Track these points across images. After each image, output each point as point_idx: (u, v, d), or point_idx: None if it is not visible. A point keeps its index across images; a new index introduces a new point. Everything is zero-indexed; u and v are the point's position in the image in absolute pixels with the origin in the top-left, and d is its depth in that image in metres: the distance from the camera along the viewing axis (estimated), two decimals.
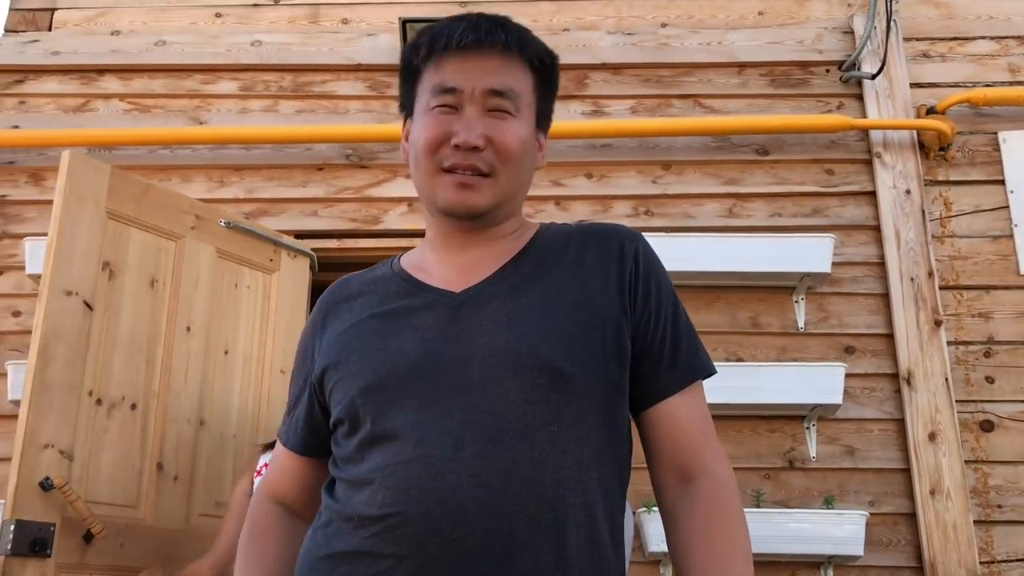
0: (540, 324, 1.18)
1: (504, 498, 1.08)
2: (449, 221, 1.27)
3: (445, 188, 1.23)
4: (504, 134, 1.22)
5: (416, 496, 1.09)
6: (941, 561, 3.05)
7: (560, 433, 1.13)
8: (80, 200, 2.78)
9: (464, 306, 1.21)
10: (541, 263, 1.26)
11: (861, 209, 3.52)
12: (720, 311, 3.40)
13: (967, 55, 3.75)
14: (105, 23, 3.89)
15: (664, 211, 3.54)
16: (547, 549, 1.08)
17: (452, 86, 1.23)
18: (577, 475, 1.13)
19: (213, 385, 3.08)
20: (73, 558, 2.53)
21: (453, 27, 1.24)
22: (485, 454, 1.10)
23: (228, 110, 3.74)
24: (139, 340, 2.89)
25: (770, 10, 3.84)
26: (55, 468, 2.53)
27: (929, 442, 3.18)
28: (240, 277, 3.24)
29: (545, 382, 1.14)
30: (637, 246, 1.28)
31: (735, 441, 3.22)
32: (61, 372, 2.63)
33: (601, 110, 3.69)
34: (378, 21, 3.86)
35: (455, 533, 1.07)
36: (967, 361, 3.33)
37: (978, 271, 3.44)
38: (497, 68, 1.24)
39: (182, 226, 3.08)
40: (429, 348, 1.18)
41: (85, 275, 2.75)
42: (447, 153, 1.22)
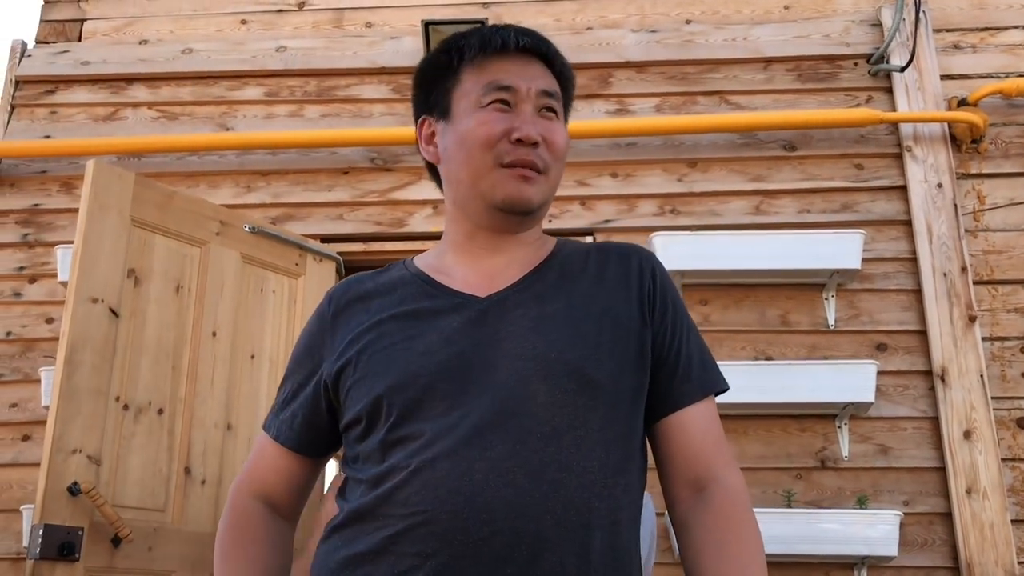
0: (567, 330, 1.19)
1: (532, 499, 1.09)
2: (495, 218, 1.28)
3: (505, 182, 1.24)
4: (554, 133, 1.27)
5: (444, 495, 1.09)
6: (978, 562, 2.99)
7: (587, 438, 1.14)
8: (104, 208, 2.82)
9: (490, 311, 1.23)
10: (564, 274, 1.28)
11: (892, 204, 3.47)
12: (749, 309, 3.37)
13: (999, 45, 3.69)
14: (133, 33, 3.94)
15: (690, 209, 3.51)
16: (572, 552, 1.09)
17: (508, 84, 1.26)
18: (603, 480, 1.14)
19: (239, 389, 3.10)
20: (101, 562, 2.57)
21: (503, 31, 1.29)
22: (513, 455, 1.10)
23: (254, 116, 3.77)
24: (165, 345, 2.92)
25: (796, 4, 3.80)
26: (83, 473, 2.57)
27: (964, 440, 3.13)
28: (266, 282, 3.27)
29: (573, 387, 1.16)
30: (653, 264, 1.33)
31: (765, 441, 3.19)
32: (88, 378, 2.67)
33: (626, 109, 3.67)
34: (401, 24, 3.87)
35: (482, 532, 1.07)
36: (1003, 357, 3.27)
37: (1013, 265, 3.38)
38: (541, 72, 1.29)
39: (207, 232, 3.11)
40: (456, 350, 1.18)
41: (110, 282, 2.80)
42: (506, 148, 1.24)
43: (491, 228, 1.29)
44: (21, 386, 3.41)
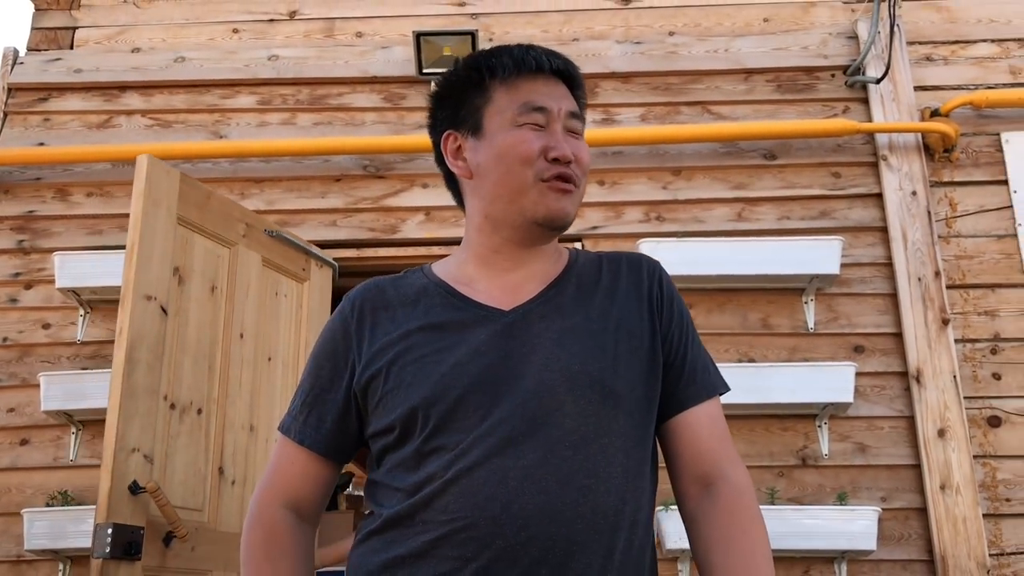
0: (589, 343, 1.26)
1: (563, 505, 1.16)
2: (530, 232, 1.33)
3: (546, 196, 1.31)
4: (581, 151, 1.34)
5: (482, 502, 1.16)
6: (951, 554, 3.12)
7: (610, 445, 1.22)
8: (156, 205, 2.81)
9: (515, 324, 1.28)
10: (581, 287, 1.35)
11: (868, 211, 3.60)
12: (731, 313, 3.48)
13: (969, 58, 3.83)
14: (125, 41, 3.99)
15: (675, 216, 3.62)
16: (599, 553, 1.17)
17: (542, 105, 1.32)
18: (625, 484, 1.22)
19: (261, 391, 3.14)
20: (155, 561, 2.58)
21: (534, 52, 1.36)
22: (545, 463, 1.18)
23: (247, 124, 3.83)
24: (203, 345, 2.93)
25: (775, 17, 3.92)
26: (140, 472, 2.57)
27: (938, 438, 3.26)
28: (279, 286, 3.32)
29: (597, 398, 1.23)
30: (660, 274, 1.40)
31: (748, 440, 3.30)
32: (144, 377, 2.66)
33: (612, 118, 3.77)
34: (392, 34, 3.95)
35: (519, 537, 1.14)
36: (974, 358, 3.40)
37: (984, 270, 3.52)
38: (566, 93, 1.37)
39: (235, 234, 3.15)
40: (486, 363, 1.24)
41: (161, 280, 2.79)
42: (544, 165, 1.30)
43: (520, 242, 1.35)
44: (18, 391, 3.45)
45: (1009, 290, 3.48)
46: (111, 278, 3.40)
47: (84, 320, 3.52)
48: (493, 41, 3.87)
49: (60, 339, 3.52)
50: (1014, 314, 3.45)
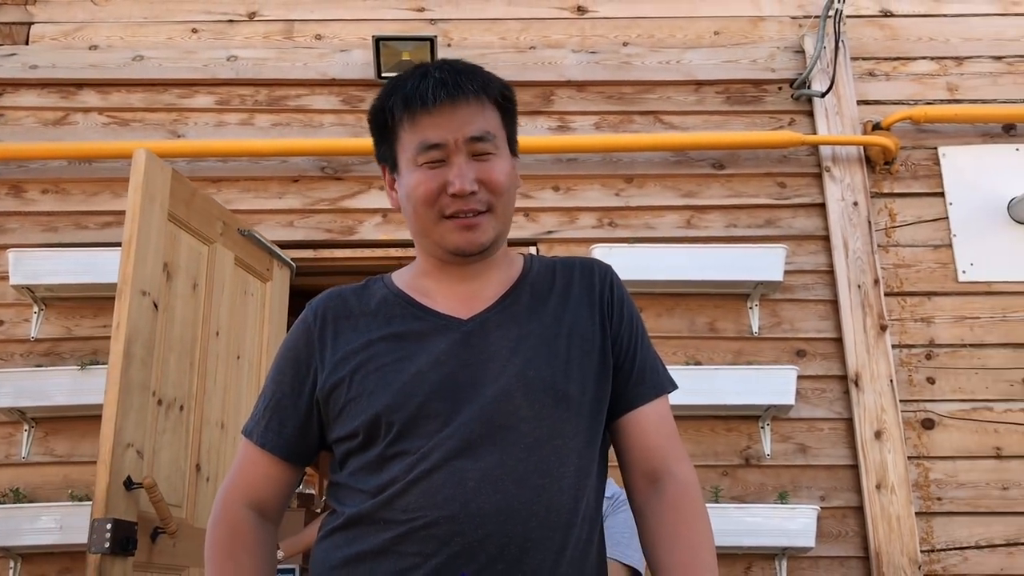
0: (543, 349, 1.33)
1: (519, 504, 1.23)
2: (455, 259, 1.37)
3: (451, 233, 1.34)
4: (492, 173, 1.34)
5: (441, 502, 1.22)
6: (886, 551, 3.26)
7: (563, 446, 1.29)
8: (152, 200, 2.80)
9: (473, 333, 1.34)
10: (535, 294, 1.40)
11: (811, 220, 3.73)
12: (679, 317, 3.59)
13: (909, 74, 3.98)
14: (82, 38, 3.98)
15: (627, 223, 3.71)
16: (553, 549, 1.24)
17: (436, 142, 1.32)
18: (577, 483, 1.29)
19: (231, 389, 3.16)
20: (143, 556, 2.58)
21: (423, 86, 1.32)
22: (501, 465, 1.24)
23: (205, 124, 3.85)
24: (186, 342, 2.93)
25: (725, 30, 4.04)
26: (133, 468, 2.57)
27: (875, 440, 3.39)
28: (248, 285, 3.34)
29: (551, 401, 1.29)
30: (611, 278, 1.45)
31: (694, 440, 3.40)
32: (138, 372, 2.66)
33: (567, 126, 3.86)
34: (351, 37, 3.99)
35: (476, 534, 1.21)
36: (910, 363, 3.55)
37: (920, 278, 3.67)
38: (471, 116, 1.33)
39: (214, 232, 3.16)
40: (446, 371, 1.30)
41: (154, 275, 2.78)
42: (446, 202, 1.32)
43: (455, 263, 1.38)
44: None
45: (944, 298, 3.63)
46: (66, 276, 3.42)
47: (38, 318, 3.51)
48: (452, 47, 3.94)
49: (13, 336, 3.51)
50: (948, 321, 3.60)
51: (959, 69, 3.97)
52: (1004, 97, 3.92)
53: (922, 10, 4.08)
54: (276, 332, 3.42)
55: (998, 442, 3.43)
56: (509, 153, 1.41)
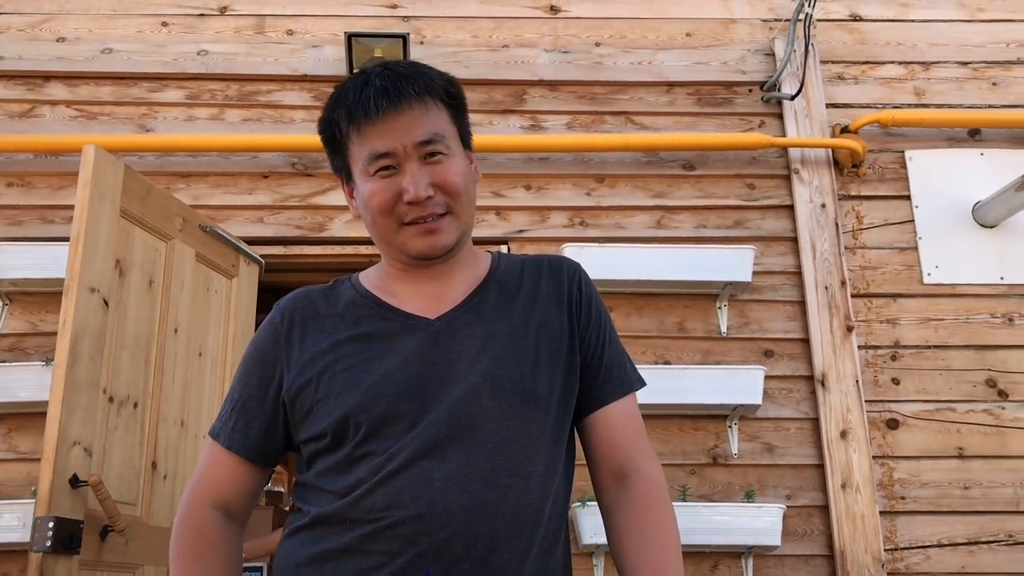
0: (510, 348, 1.33)
1: (486, 503, 1.23)
2: (419, 263, 1.37)
3: (412, 239, 1.33)
4: (446, 174, 1.33)
5: (407, 502, 1.22)
6: (850, 549, 3.29)
7: (531, 445, 1.29)
8: (102, 197, 2.78)
9: (441, 332, 1.34)
10: (503, 292, 1.40)
11: (780, 222, 3.76)
12: (649, 317, 3.61)
13: (877, 78, 4.03)
14: (50, 29, 3.93)
15: (598, 222, 3.73)
16: (519, 548, 1.24)
17: (385, 151, 1.31)
18: (544, 482, 1.29)
19: (192, 386, 3.14)
20: (92, 555, 2.56)
21: (364, 96, 1.31)
22: (468, 464, 1.24)
23: (175, 118, 3.82)
24: (140, 339, 2.91)
25: (697, 32, 4.07)
26: (80, 466, 2.55)
27: (841, 439, 3.43)
28: (211, 281, 3.32)
29: (518, 401, 1.29)
30: (580, 276, 1.46)
31: (663, 439, 3.43)
32: (86, 370, 2.64)
33: (539, 125, 3.87)
34: (323, 33, 3.97)
35: (443, 534, 1.21)
36: (875, 364, 3.59)
37: (886, 280, 3.71)
38: (417, 119, 1.32)
39: (172, 228, 3.14)
40: (414, 372, 1.30)
41: (104, 272, 2.76)
42: (404, 209, 1.32)
43: (419, 267, 1.39)
44: None
45: (909, 300, 3.68)
46: (31, 270, 3.38)
47: (2, 312, 3.46)
48: (424, 44, 3.93)
49: None
50: (913, 323, 3.64)
51: (926, 74, 4.03)
52: (969, 102, 3.97)
53: (891, 15, 4.13)
54: (243, 329, 3.40)
55: (960, 442, 3.48)
56: (462, 150, 1.40)
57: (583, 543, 3.20)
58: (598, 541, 3.15)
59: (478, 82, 3.88)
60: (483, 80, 3.90)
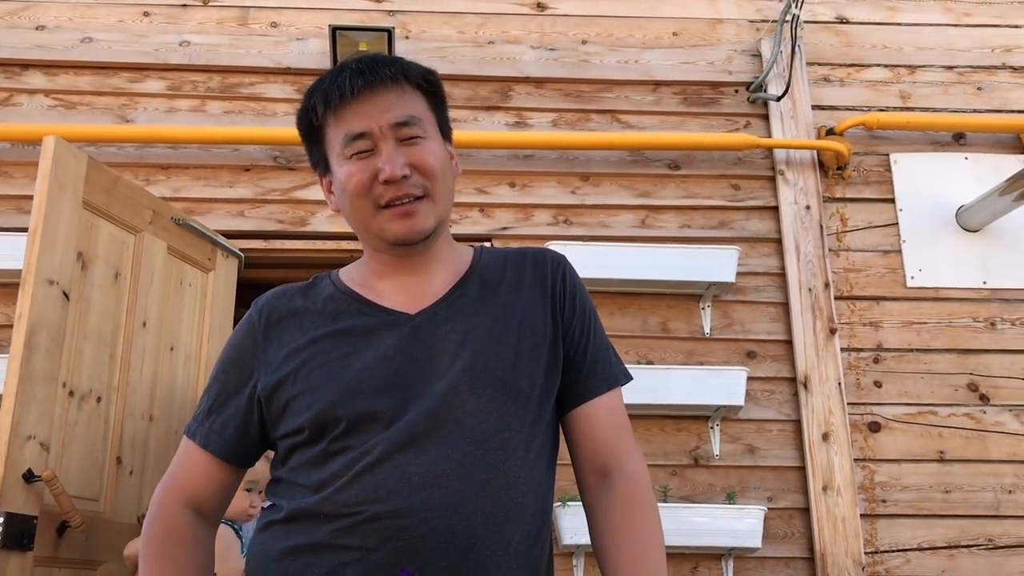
0: (491, 342, 1.30)
1: (464, 498, 1.20)
2: (399, 250, 1.35)
3: (389, 222, 1.31)
4: (422, 156, 1.32)
5: (383, 496, 1.19)
6: (831, 552, 3.29)
7: (510, 439, 1.27)
8: (62, 188, 2.75)
9: (421, 327, 1.32)
10: (484, 286, 1.38)
11: (764, 223, 3.75)
12: (632, 316, 3.59)
13: (863, 81, 4.03)
14: (29, 17, 3.87)
15: (582, 221, 3.71)
16: (498, 545, 1.22)
17: (360, 131, 1.30)
18: (525, 477, 1.27)
19: (161, 381, 3.10)
20: (48, 551, 2.53)
21: (340, 79, 1.32)
22: (446, 459, 1.22)
23: (155, 109, 3.77)
24: (105, 333, 2.88)
25: (684, 31, 4.05)
26: (36, 460, 2.52)
27: (823, 442, 3.42)
28: (184, 275, 3.28)
29: (498, 395, 1.27)
30: (564, 268, 1.43)
31: (644, 439, 3.40)
32: (43, 363, 2.61)
33: (524, 122, 3.84)
34: (307, 26, 3.93)
35: (420, 529, 1.18)
36: (858, 367, 3.58)
37: (869, 283, 3.71)
38: (392, 101, 1.32)
39: (141, 220, 3.10)
40: (393, 367, 1.28)
41: (64, 265, 2.73)
42: (380, 191, 1.30)
43: (400, 255, 1.36)
44: None
45: (892, 303, 3.68)
46: (7, 261, 3.31)
47: None
48: (409, 39, 3.90)
49: None
50: (896, 326, 3.64)
51: (912, 77, 4.03)
52: (954, 106, 3.98)
53: (877, 18, 4.13)
54: (221, 323, 3.36)
55: (941, 446, 3.48)
56: (440, 137, 1.38)
57: (563, 543, 3.17)
58: (578, 541, 3.12)
59: (463, 78, 3.86)
60: (468, 76, 3.87)
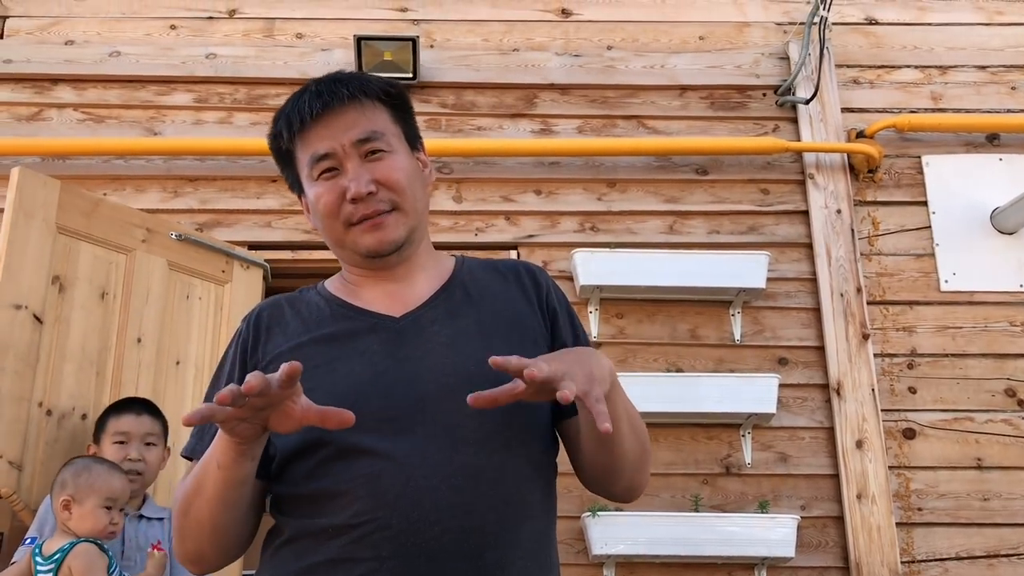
0: (480, 344, 1.29)
1: (475, 498, 1.19)
2: (374, 263, 1.36)
3: (360, 237, 1.33)
4: (388, 171, 1.33)
5: (391, 501, 1.18)
6: (866, 562, 3.23)
7: (513, 438, 1.26)
8: (29, 216, 2.85)
9: (407, 330, 1.31)
10: (469, 290, 1.38)
11: (794, 227, 3.70)
12: (661, 323, 3.55)
13: (894, 82, 3.97)
14: (58, 32, 3.91)
15: (609, 227, 3.68)
16: (511, 542, 1.21)
17: (324, 152, 1.32)
18: (530, 475, 1.27)
19: (165, 395, 3.12)
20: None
21: (300, 103, 1.34)
22: (451, 461, 1.20)
23: (183, 121, 3.79)
24: (90, 352, 2.96)
25: (710, 35, 4.02)
26: (3, 478, 2.58)
27: (856, 449, 3.37)
28: (192, 288, 3.31)
29: None
30: (548, 280, 1.45)
31: (675, 448, 3.36)
32: (10, 384, 2.69)
33: (549, 129, 3.82)
34: (332, 37, 3.94)
35: (432, 532, 1.17)
36: (892, 372, 3.52)
37: (903, 287, 3.65)
38: (354, 119, 1.33)
39: (132, 239, 3.16)
40: (380, 369, 1.27)
41: (35, 289, 2.83)
42: (350, 210, 1.32)
43: (377, 267, 1.37)
44: None
45: (926, 307, 3.61)
46: None
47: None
48: (434, 48, 3.90)
49: None
50: (930, 330, 3.58)
51: (943, 78, 3.97)
52: (988, 107, 3.91)
53: (907, 19, 4.07)
54: None
55: (979, 453, 3.41)
56: (407, 149, 1.40)
57: (593, 553, 3.14)
58: (609, 551, 3.09)
59: (488, 85, 3.85)
60: (493, 84, 3.86)
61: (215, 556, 1.29)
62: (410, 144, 1.41)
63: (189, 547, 1.28)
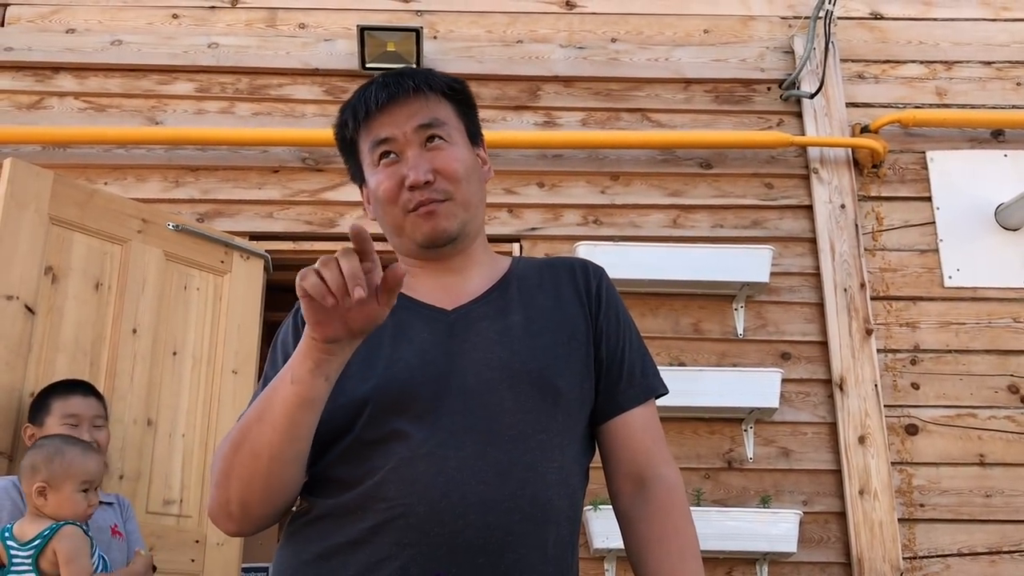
0: (529, 341, 1.30)
1: (502, 496, 1.18)
2: (429, 253, 1.37)
3: (416, 224, 1.34)
4: (446, 160, 1.35)
5: (421, 490, 1.17)
6: (868, 557, 3.22)
7: (548, 440, 1.25)
8: (21, 207, 2.86)
9: (457, 323, 1.32)
10: (522, 288, 1.39)
11: (798, 222, 3.69)
12: (664, 317, 3.54)
13: (898, 77, 3.96)
14: (59, 21, 3.89)
15: (612, 220, 3.67)
16: (533, 545, 1.20)
17: (385, 136, 1.35)
18: (561, 479, 1.25)
19: (161, 386, 3.13)
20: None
21: (367, 94, 1.37)
22: (484, 455, 1.20)
23: (184, 111, 3.77)
24: (83, 343, 2.96)
25: (715, 28, 4.00)
26: None
27: (859, 444, 3.36)
28: (189, 279, 3.30)
29: (537, 394, 1.26)
30: (600, 277, 1.44)
31: (676, 442, 3.36)
32: (1, 375, 2.69)
33: (553, 121, 3.81)
34: (335, 27, 3.92)
35: (456, 524, 1.16)
36: (895, 368, 3.51)
37: (906, 283, 3.64)
38: (417, 108, 1.36)
39: (127, 230, 3.15)
40: (428, 359, 1.27)
41: (26, 279, 2.84)
42: (408, 197, 1.33)
43: (431, 259, 1.38)
44: None
45: (929, 303, 3.60)
46: None
47: None
48: (437, 39, 3.88)
49: None
50: (933, 326, 3.57)
51: (948, 73, 3.95)
52: (993, 102, 3.90)
53: (912, 13, 4.06)
54: (242, 324, 3.35)
55: (981, 449, 3.41)
56: (468, 143, 1.41)
57: (595, 547, 3.13)
58: (610, 545, 3.08)
59: (492, 77, 3.83)
60: (497, 76, 3.84)
61: (258, 505, 1.21)
62: (471, 140, 1.43)
63: (233, 493, 1.20)
